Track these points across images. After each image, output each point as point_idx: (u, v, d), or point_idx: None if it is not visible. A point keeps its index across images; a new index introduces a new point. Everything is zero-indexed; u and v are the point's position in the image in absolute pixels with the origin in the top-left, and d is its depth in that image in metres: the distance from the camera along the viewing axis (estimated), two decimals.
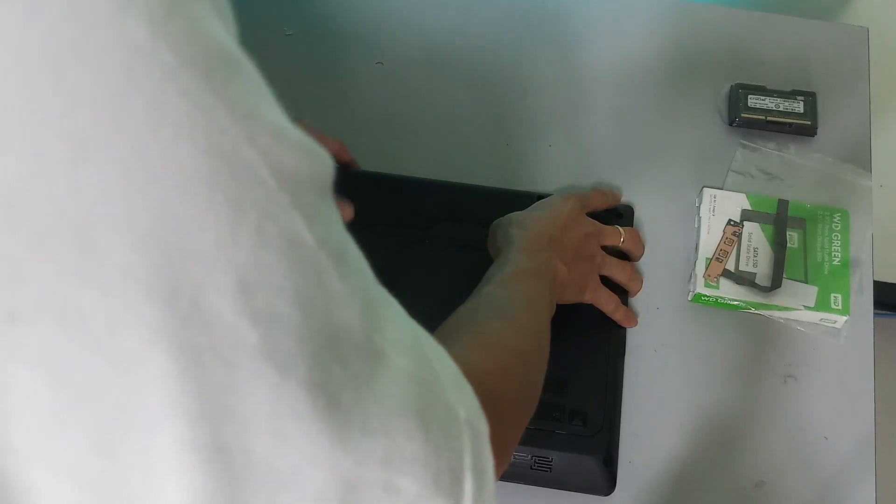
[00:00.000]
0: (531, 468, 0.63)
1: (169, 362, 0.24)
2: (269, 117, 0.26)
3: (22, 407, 0.24)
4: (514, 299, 0.55)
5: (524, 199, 0.71)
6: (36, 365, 0.24)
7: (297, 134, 0.27)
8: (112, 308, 0.24)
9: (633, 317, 0.69)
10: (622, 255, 0.71)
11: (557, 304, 0.62)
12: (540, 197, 0.72)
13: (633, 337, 0.70)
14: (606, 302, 0.67)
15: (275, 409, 0.25)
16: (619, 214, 0.74)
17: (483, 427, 0.33)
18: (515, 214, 0.66)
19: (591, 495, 0.64)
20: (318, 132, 0.73)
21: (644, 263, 0.73)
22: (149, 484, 0.25)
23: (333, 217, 0.29)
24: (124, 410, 0.24)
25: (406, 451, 0.28)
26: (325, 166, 0.28)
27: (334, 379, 0.27)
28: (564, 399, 0.64)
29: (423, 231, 0.72)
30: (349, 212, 0.70)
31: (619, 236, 0.70)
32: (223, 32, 0.26)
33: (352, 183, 0.70)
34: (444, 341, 0.45)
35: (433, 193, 0.74)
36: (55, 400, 0.24)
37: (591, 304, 0.67)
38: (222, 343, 0.24)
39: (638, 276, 0.71)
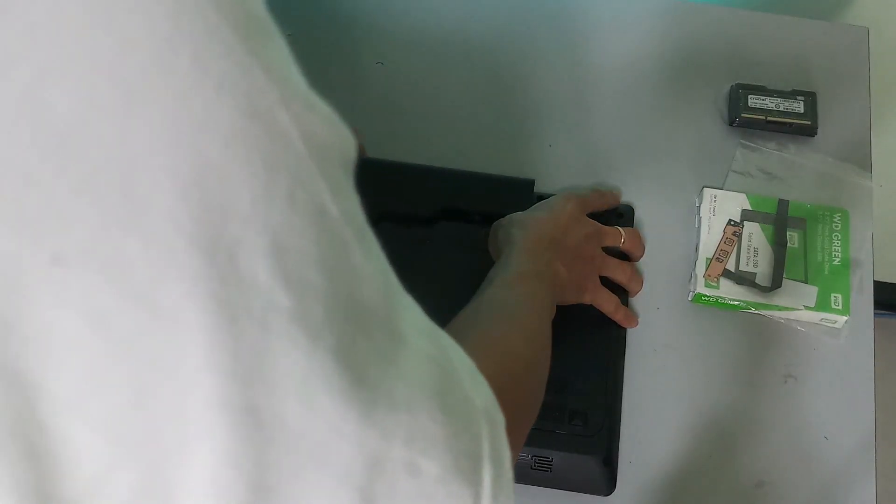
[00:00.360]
0: (531, 468, 0.63)
1: (207, 317, 0.24)
2: (301, 86, 0.26)
3: (63, 352, 0.24)
4: (516, 302, 0.55)
5: (523, 187, 0.73)
6: (79, 310, 0.23)
7: (325, 108, 0.27)
8: (155, 258, 0.23)
9: (633, 317, 0.69)
10: (623, 256, 0.71)
11: (557, 306, 0.62)
12: (541, 197, 0.73)
13: (633, 337, 0.70)
14: (606, 302, 0.67)
15: (305, 375, 0.25)
16: (620, 214, 0.74)
17: (500, 418, 0.32)
18: (516, 215, 0.66)
19: (592, 495, 0.64)
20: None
21: (644, 263, 0.73)
22: (181, 441, 0.25)
23: (355, 198, 0.29)
24: (161, 363, 0.24)
25: (429, 432, 0.28)
26: (349, 144, 0.28)
27: (360, 352, 0.26)
28: (565, 399, 0.64)
29: (424, 225, 0.72)
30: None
31: (619, 237, 0.70)
32: (259, 2, 0.26)
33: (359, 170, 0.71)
34: None
35: (435, 181, 0.75)
36: (96, 348, 0.24)
37: (592, 305, 0.67)
38: (257, 304, 0.24)
39: (638, 276, 0.71)
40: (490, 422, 0.31)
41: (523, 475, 0.64)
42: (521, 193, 0.73)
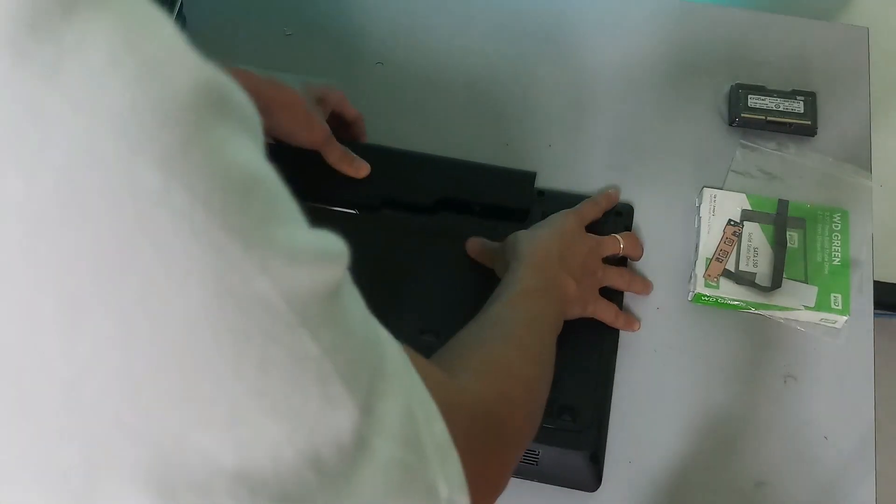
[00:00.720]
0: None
1: (146, 499, 0.24)
2: (284, 239, 0.26)
3: None
4: (520, 321, 0.55)
5: (524, 179, 0.74)
6: None
7: (310, 244, 0.27)
8: (92, 459, 0.24)
9: (634, 321, 0.69)
10: (621, 259, 0.71)
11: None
12: (541, 193, 0.74)
13: (634, 337, 0.70)
14: (606, 312, 0.67)
15: None
16: (619, 213, 0.74)
17: (463, 502, 0.33)
18: (521, 233, 0.66)
19: (577, 491, 0.64)
20: (340, 97, 0.74)
21: (644, 263, 0.73)
22: None
23: (346, 306, 0.29)
24: None
25: None
26: (340, 265, 0.28)
27: (308, 488, 0.27)
28: (555, 394, 0.64)
29: (424, 214, 0.73)
30: (365, 169, 0.72)
31: (618, 245, 0.70)
32: (245, 150, 0.25)
33: (361, 155, 0.73)
34: (452, 364, 0.45)
35: (437, 170, 0.75)
36: None
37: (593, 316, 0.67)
38: (200, 473, 0.25)
39: (637, 277, 0.71)
40: None
41: None
42: (521, 186, 0.74)
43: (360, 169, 0.72)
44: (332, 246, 0.28)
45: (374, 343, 0.31)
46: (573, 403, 0.64)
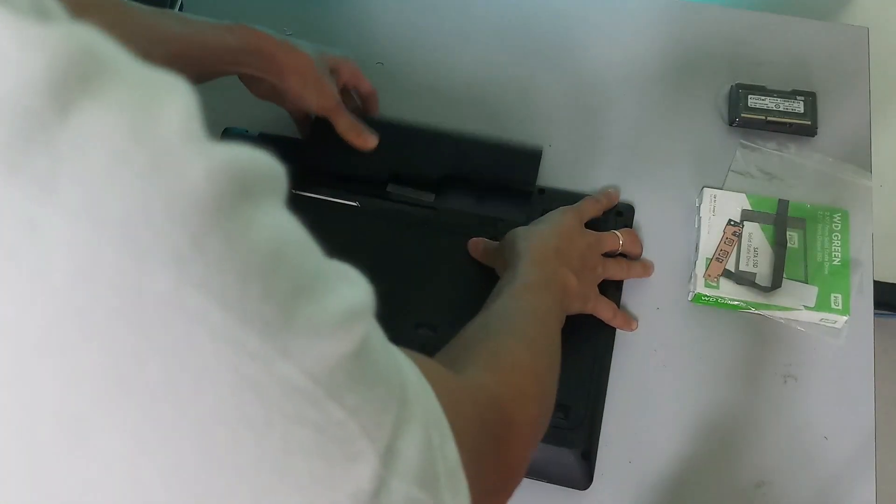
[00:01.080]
0: None
1: None
2: (309, 314, 0.25)
3: None
4: (526, 314, 0.55)
5: (530, 156, 0.75)
6: None
7: (336, 307, 0.26)
8: None
9: (632, 321, 0.69)
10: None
11: None
12: (542, 192, 0.74)
13: (633, 337, 0.70)
14: (605, 311, 0.67)
15: None
16: (619, 213, 0.74)
17: None
18: (520, 229, 0.66)
19: (568, 489, 0.64)
20: (354, 69, 0.74)
21: None
22: None
23: (368, 364, 0.28)
24: None
25: None
26: (366, 318, 0.27)
27: None
28: None
29: (430, 188, 0.74)
30: (373, 141, 0.71)
31: (617, 240, 0.70)
32: (271, 219, 0.24)
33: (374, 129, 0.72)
34: (458, 359, 0.45)
35: (443, 144, 0.76)
36: None
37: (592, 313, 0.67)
38: None
39: (634, 263, 0.71)
40: None
41: None
42: (527, 162, 0.74)
43: (367, 140, 0.71)
44: (358, 299, 0.27)
45: (396, 375, 0.30)
46: (565, 401, 0.64)
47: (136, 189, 0.21)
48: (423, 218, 0.73)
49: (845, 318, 0.69)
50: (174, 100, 0.23)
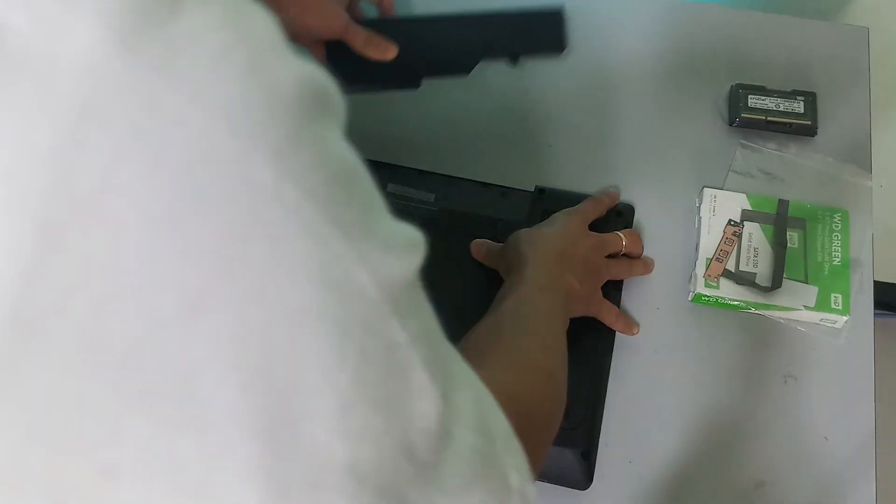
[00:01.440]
0: None
1: (260, 495, 0.24)
2: (380, 229, 0.26)
3: None
4: (534, 315, 0.56)
5: (552, 20, 0.73)
6: None
7: (400, 233, 0.28)
8: (209, 451, 0.24)
9: (633, 325, 0.69)
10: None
11: None
12: (542, 191, 0.74)
13: (634, 337, 0.70)
14: (607, 314, 0.68)
15: None
16: (619, 213, 0.74)
17: (530, 490, 0.34)
18: (523, 232, 0.66)
19: (568, 488, 0.64)
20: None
21: None
22: None
23: (423, 298, 0.30)
24: None
25: None
26: (421, 255, 0.29)
27: (404, 477, 0.28)
28: None
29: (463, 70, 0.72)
30: (393, 51, 0.69)
31: (620, 241, 0.70)
32: (342, 143, 0.26)
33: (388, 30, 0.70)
34: (472, 359, 0.46)
35: (468, 28, 0.74)
36: None
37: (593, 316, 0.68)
38: (312, 467, 0.25)
39: (635, 261, 0.71)
40: (523, 500, 0.33)
41: None
42: (553, 25, 0.73)
43: (387, 51, 0.69)
44: (415, 234, 0.29)
45: (442, 336, 0.32)
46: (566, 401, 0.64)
47: (240, 86, 0.23)
48: (423, 218, 0.73)
49: (845, 318, 0.69)
50: (262, 15, 0.25)
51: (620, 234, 0.71)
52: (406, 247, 0.28)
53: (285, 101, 0.24)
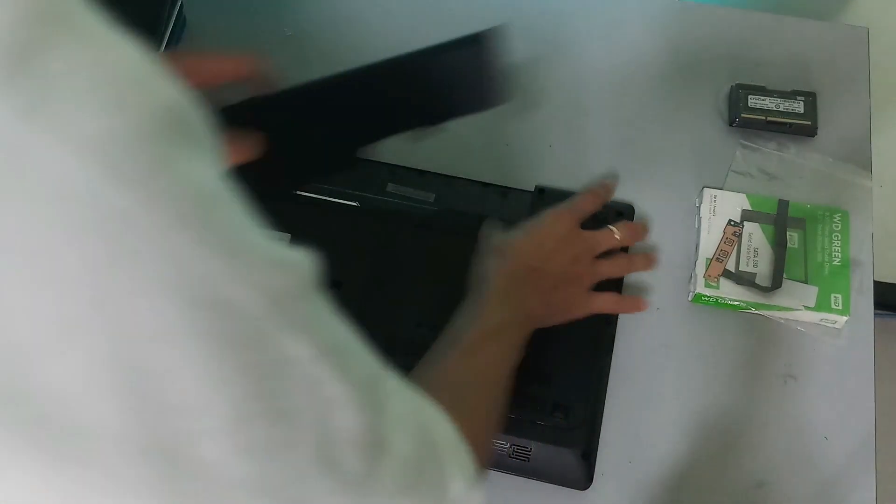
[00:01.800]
0: (509, 457, 0.64)
1: None
2: (257, 248, 0.27)
3: None
4: (480, 368, 0.55)
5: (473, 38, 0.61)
6: None
7: (277, 249, 0.28)
8: (93, 480, 0.25)
9: (639, 301, 0.67)
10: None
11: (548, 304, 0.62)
12: (542, 191, 0.73)
13: (633, 337, 0.70)
14: (606, 305, 0.66)
15: None
16: (619, 213, 0.74)
17: (476, 496, 0.35)
18: (497, 238, 0.64)
19: (568, 488, 0.64)
20: (204, 56, 0.59)
21: None
22: None
23: (327, 314, 0.30)
24: None
25: None
26: (310, 270, 0.29)
27: (323, 489, 0.28)
28: (548, 391, 0.64)
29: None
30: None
31: (613, 237, 0.67)
32: (204, 168, 0.26)
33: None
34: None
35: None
36: None
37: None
38: (209, 484, 0.26)
39: (635, 257, 0.69)
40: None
41: (501, 463, 0.64)
42: (482, 51, 0.62)
43: (247, 146, 0.55)
44: (295, 252, 0.29)
45: (366, 350, 0.32)
46: (565, 401, 0.64)
47: (108, 116, 0.24)
48: (423, 218, 0.73)
49: (845, 318, 0.69)
50: (131, 46, 0.26)
51: (613, 227, 0.67)
52: (283, 259, 0.28)
53: (147, 130, 0.24)
